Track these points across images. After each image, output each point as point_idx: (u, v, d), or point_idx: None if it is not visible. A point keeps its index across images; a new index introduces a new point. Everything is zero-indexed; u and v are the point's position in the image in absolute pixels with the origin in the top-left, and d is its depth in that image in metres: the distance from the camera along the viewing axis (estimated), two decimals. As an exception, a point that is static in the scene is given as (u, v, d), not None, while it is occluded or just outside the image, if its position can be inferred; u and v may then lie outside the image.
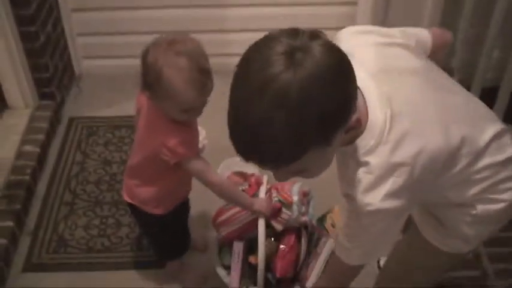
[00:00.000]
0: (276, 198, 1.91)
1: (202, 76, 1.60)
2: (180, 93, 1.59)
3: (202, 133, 1.98)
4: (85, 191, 2.56)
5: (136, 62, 1.65)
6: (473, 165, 1.29)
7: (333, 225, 2.08)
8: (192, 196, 2.07)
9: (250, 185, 1.98)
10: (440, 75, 1.34)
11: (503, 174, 1.34)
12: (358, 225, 1.26)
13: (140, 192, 1.90)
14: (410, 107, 1.20)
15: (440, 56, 1.48)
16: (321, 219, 2.10)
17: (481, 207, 1.35)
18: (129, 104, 2.92)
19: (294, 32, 1.02)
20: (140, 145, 1.84)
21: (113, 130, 2.86)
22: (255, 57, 1.02)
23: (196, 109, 1.68)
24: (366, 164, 1.17)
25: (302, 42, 1.00)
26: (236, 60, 1.07)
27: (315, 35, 1.02)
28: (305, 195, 1.98)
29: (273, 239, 1.95)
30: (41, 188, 2.57)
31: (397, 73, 1.24)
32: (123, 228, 2.41)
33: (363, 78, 1.15)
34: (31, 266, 2.27)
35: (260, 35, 1.06)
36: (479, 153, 1.29)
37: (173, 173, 1.81)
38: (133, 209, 1.97)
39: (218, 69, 1.68)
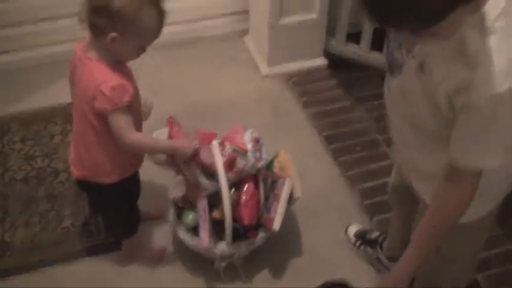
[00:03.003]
0: (230, 149, 1.93)
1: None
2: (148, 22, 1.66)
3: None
4: (14, 190, 2.43)
5: (27, 54, 1.54)
6: None
7: (282, 169, 2.14)
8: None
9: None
10: None
11: None
12: (488, 115, 1.14)
13: (89, 160, 1.86)
14: None
15: None
16: (269, 165, 2.15)
17: None
18: (33, 98, 2.83)
19: None
20: (76, 98, 1.81)
21: (26, 125, 2.72)
22: None
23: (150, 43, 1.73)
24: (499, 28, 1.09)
25: None
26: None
27: None
28: (257, 141, 2.02)
29: (232, 190, 1.98)
30: (-34, 197, 2.41)
31: None
32: (66, 218, 2.33)
33: None
34: (-24, 279, 2.14)
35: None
36: None
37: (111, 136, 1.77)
38: (84, 184, 1.94)
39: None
